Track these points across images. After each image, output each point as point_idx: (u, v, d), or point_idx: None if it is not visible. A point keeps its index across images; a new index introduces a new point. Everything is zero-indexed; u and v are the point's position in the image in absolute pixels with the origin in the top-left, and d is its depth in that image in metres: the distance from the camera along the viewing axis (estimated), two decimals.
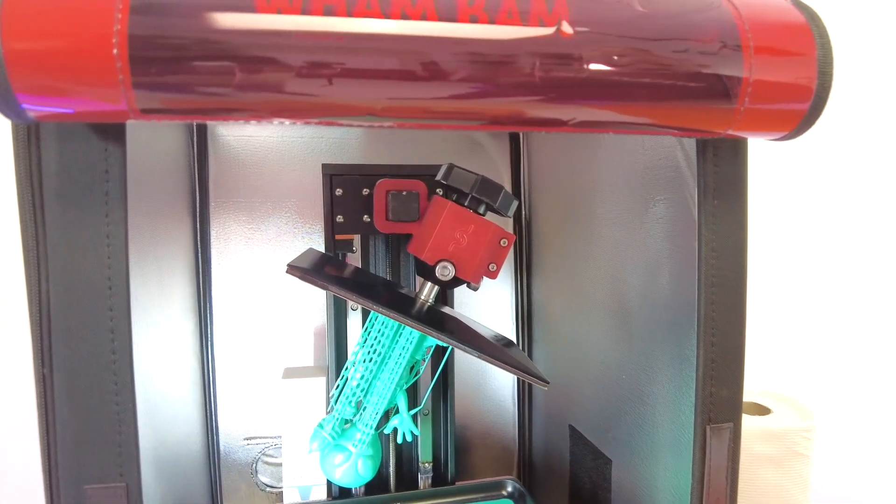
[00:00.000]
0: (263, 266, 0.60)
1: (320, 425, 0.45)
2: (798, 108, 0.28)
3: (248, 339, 0.60)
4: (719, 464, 0.33)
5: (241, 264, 0.59)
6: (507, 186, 0.65)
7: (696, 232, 0.33)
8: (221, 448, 0.60)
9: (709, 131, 0.29)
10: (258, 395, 0.60)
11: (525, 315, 0.65)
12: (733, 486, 0.34)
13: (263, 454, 0.60)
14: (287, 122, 0.25)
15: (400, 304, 0.41)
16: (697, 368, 0.33)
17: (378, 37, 0.24)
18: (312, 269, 0.40)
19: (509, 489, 0.55)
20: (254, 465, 0.60)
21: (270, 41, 0.23)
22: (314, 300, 0.61)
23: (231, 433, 0.60)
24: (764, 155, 0.76)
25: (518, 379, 0.66)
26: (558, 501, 0.57)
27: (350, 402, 0.44)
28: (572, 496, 0.55)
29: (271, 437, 0.60)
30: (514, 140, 0.64)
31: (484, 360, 0.39)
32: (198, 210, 0.58)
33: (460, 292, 0.61)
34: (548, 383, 0.41)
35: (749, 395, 0.60)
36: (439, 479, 0.56)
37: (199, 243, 0.58)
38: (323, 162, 0.51)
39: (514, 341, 0.66)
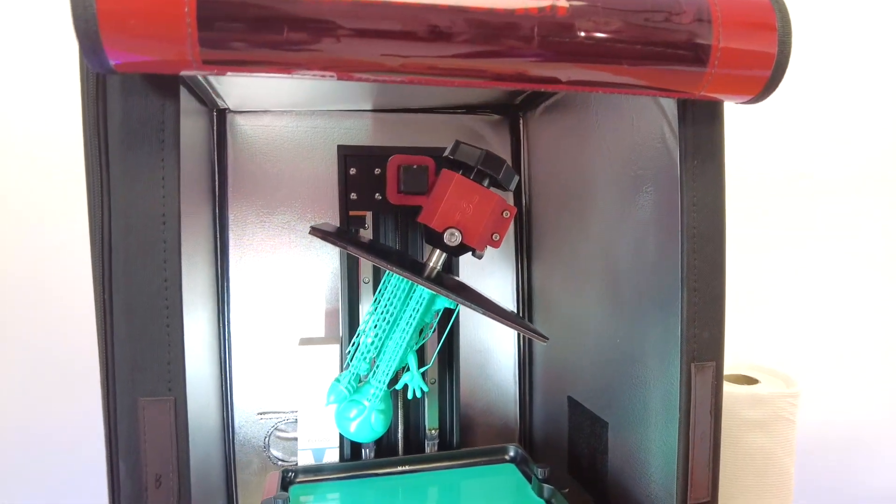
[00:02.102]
0: (277, 249, 0.63)
1: (337, 380, 0.49)
2: (761, 74, 0.33)
3: (263, 319, 0.62)
4: (704, 397, 0.37)
5: (257, 247, 0.62)
6: None
7: (679, 197, 0.37)
8: (236, 422, 0.62)
9: (685, 91, 0.33)
10: (271, 372, 0.62)
11: (526, 297, 0.69)
12: (717, 420, 0.37)
13: (276, 429, 0.63)
14: (329, 74, 0.29)
15: (412, 266, 0.45)
16: (682, 311, 0.37)
17: (402, 6, 0.28)
18: (333, 234, 0.44)
19: (511, 454, 0.57)
20: (266, 439, 0.63)
21: (309, 6, 0.27)
22: (326, 281, 0.64)
23: (245, 408, 0.63)
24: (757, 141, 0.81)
25: (519, 358, 0.69)
26: (558, 470, 0.60)
27: (365, 358, 0.48)
28: (571, 464, 0.58)
29: (283, 412, 0.63)
30: (514, 131, 0.68)
31: (488, 316, 0.42)
32: (217, 195, 0.62)
33: (465, 275, 0.64)
34: (547, 339, 0.45)
35: (738, 368, 0.64)
36: (444, 446, 0.59)
37: (217, 226, 0.61)
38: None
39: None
